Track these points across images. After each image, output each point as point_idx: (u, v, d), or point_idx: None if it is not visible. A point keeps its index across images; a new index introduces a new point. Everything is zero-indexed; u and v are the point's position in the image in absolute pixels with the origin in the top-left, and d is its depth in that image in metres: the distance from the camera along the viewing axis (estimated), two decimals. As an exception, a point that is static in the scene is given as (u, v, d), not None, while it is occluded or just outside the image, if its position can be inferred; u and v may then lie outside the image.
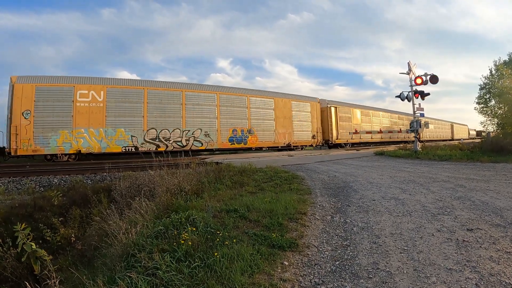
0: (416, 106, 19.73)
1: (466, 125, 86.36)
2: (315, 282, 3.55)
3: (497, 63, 32.26)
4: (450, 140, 61.64)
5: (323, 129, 33.46)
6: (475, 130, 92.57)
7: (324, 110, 33.65)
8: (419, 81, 19.05)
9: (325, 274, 3.73)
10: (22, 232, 5.98)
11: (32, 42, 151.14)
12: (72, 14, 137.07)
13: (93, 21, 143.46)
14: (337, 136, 34.09)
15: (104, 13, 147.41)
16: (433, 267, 3.72)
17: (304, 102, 31.97)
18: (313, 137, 31.97)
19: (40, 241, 7.44)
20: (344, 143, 35.40)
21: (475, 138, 77.67)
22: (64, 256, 7.07)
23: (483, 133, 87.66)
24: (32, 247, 5.91)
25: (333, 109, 34.31)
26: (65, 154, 19.28)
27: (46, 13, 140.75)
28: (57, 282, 3.88)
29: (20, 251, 6.00)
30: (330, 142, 33.38)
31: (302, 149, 30.59)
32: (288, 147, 28.99)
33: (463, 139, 69.59)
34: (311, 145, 32.03)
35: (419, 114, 20.03)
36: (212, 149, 24.56)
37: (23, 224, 6.12)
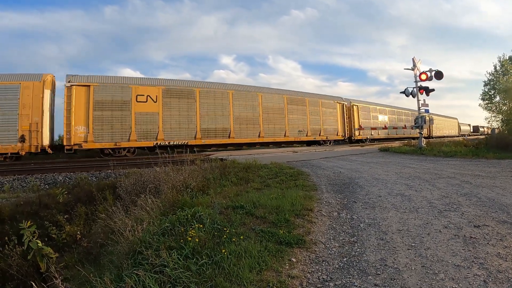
0: (421, 102, 19.65)
1: (456, 119, 71.29)
2: (323, 278, 3.54)
3: (502, 59, 32.12)
4: (426, 137, 40.02)
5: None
6: (469, 124, 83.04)
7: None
8: (423, 77, 18.98)
9: (333, 270, 3.72)
10: (28, 230, 5.99)
11: (35, 41, 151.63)
12: (75, 12, 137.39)
13: (96, 19, 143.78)
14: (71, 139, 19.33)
15: (106, 10, 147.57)
16: (441, 264, 3.70)
17: None
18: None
19: (46, 239, 7.46)
20: (108, 150, 20.70)
21: (470, 135, 69.35)
22: (69, 253, 7.08)
23: (482, 129, 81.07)
24: (38, 244, 5.93)
25: (44, 89, 19.21)
26: None
27: (49, 12, 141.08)
28: (60, 280, 3.88)
29: (26, 249, 6.02)
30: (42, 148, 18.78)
31: None
32: None
33: (467, 135, 64.08)
34: None
35: (424, 110, 19.91)
36: None
37: (29, 222, 6.14)
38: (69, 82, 19.60)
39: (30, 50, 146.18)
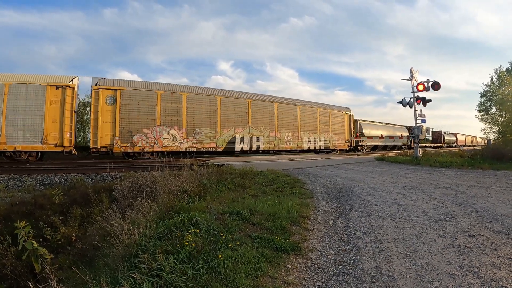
0: (418, 112, 19.73)
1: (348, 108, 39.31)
2: (319, 285, 3.55)
3: (498, 71, 32.36)
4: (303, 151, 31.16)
5: None
6: (404, 126, 50.79)
7: None
8: (421, 87, 19.04)
9: (328, 278, 3.74)
10: (23, 230, 5.98)
11: (34, 40, 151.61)
12: (74, 13, 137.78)
13: (95, 20, 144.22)
14: None
15: (106, 12, 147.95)
16: (435, 272, 3.73)
17: None
18: None
19: (40, 240, 7.45)
20: None
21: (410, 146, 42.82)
22: (64, 255, 7.07)
23: (453, 137, 62.54)
24: (34, 245, 5.91)
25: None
26: None
27: (49, 12, 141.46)
28: (55, 281, 3.87)
29: (20, 249, 5.99)
30: None
31: None
32: None
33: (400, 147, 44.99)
34: None
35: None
36: None
37: (24, 222, 6.12)
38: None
39: (29, 49, 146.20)
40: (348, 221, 5.98)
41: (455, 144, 62.91)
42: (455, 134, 66.94)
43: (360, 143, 38.86)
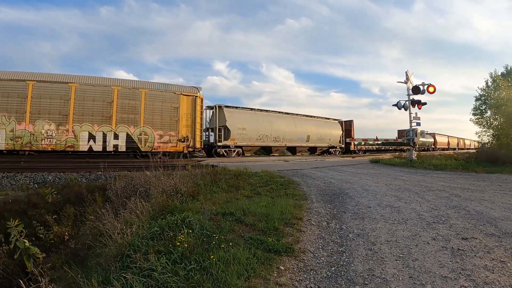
0: (413, 115, 19.80)
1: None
2: (311, 287, 3.54)
3: (493, 75, 32.50)
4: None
5: None
6: (341, 122, 39.63)
7: None
8: (416, 90, 19.13)
9: (320, 279, 3.73)
10: (15, 229, 5.94)
11: (29, 37, 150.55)
12: (70, 11, 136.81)
13: (91, 18, 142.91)
14: None
15: (102, 11, 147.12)
16: (428, 275, 3.72)
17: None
18: None
19: (33, 238, 7.40)
20: None
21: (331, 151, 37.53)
22: (57, 254, 7.02)
23: (426, 138, 48.51)
24: (25, 244, 5.88)
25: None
26: None
27: (45, 9, 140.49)
28: (47, 280, 3.85)
29: (13, 248, 5.96)
30: None
31: None
32: None
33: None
34: None
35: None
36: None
37: (16, 221, 6.09)
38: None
39: (25, 46, 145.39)
40: (342, 223, 5.98)
41: (432, 147, 54.31)
42: (433, 135, 55.85)
43: (218, 144, 25.83)
